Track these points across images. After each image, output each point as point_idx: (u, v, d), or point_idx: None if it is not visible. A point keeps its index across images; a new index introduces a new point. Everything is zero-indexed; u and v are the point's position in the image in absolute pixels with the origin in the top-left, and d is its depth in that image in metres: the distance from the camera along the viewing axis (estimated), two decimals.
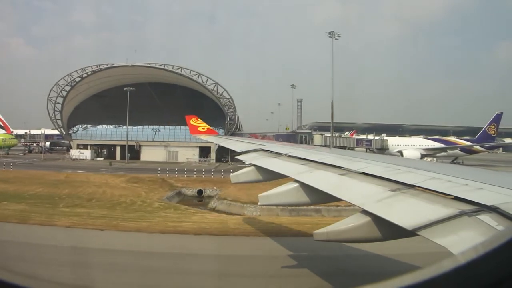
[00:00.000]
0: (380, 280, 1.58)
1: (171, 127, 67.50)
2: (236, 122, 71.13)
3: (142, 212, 24.50)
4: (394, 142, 72.90)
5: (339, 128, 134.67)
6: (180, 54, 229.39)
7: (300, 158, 8.13)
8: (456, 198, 3.75)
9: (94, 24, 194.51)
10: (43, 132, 75.60)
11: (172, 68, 61.73)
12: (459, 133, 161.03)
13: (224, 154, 61.65)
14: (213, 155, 63.99)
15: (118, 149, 66.33)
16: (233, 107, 65.95)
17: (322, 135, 63.98)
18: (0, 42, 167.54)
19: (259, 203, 7.80)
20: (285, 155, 9.11)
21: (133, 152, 64.92)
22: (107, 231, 17.74)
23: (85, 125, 70.02)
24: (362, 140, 75.47)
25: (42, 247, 14.61)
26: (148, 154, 64.12)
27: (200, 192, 36.18)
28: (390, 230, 4.09)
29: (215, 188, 35.62)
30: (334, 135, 64.21)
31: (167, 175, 42.36)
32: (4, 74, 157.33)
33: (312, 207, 24.94)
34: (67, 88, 62.78)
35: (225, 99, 63.96)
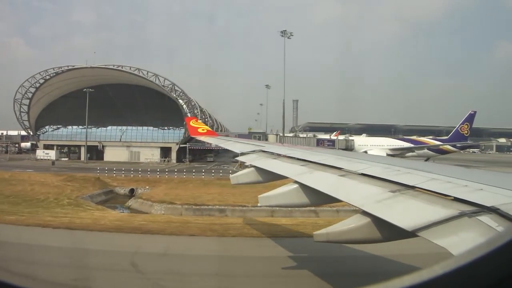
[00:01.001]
0: (380, 281, 1.58)
1: (133, 127, 68.86)
2: (207, 121, 72.29)
3: (43, 207, 25.28)
4: (361, 142, 71.74)
5: (332, 129, 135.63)
6: (179, 54, 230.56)
7: (300, 159, 8.13)
8: (456, 199, 3.74)
9: (94, 24, 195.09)
10: (6, 133, 78.13)
11: (130, 69, 63.00)
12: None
13: (185, 155, 63.37)
14: (173, 155, 64.93)
15: (82, 150, 67.47)
16: (197, 108, 67.59)
17: (277, 135, 63.50)
18: (0, 42, 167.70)
19: (259, 204, 7.80)
20: (285, 156, 9.12)
21: (97, 152, 66.13)
22: None
23: (54, 126, 71.22)
24: (323, 140, 73.99)
25: None
26: (111, 155, 65.05)
27: (132, 191, 37.75)
28: (390, 231, 4.09)
29: (147, 187, 37.02)
30: (300, 135, 64.29)
31: (106, 174, 43.34)
32: (4, 74, 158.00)
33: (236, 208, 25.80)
34: (32, 89, 64.17)
35: (184, 99, 65.16)
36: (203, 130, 21.84)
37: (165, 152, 66.38)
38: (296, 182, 6.72)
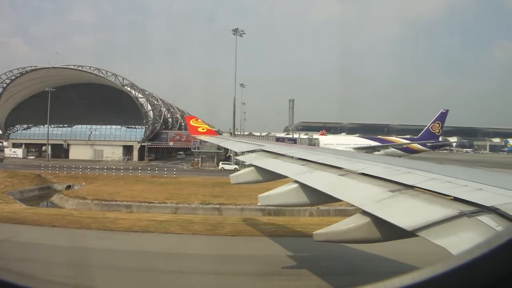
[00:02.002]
0: (379, 280, 1.59)
1: (98, 126, 70.07)
2: (169, 120, 75.15)
3: None
4: (326, 141, 70.80)
5: (327, 128, 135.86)
6: (179, 54, 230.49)
7: (300, 159, 8.13)
8: (456, 199, 3.75)
9: (94, 24, 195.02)
10: None
11: (90, 69, 64.37)
12: (446, 133, 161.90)
13: (150, 152, 65.20)
14: (135, 153, 66.17)
15: (49, 148, 68.76)
16: (160, 106, 69.35)
17: (231, 133, 63.14)
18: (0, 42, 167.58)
19: (258, 204, 7.79)
20: (285, 155, 9.11)
21: (65, 151, 67.75)
22: None
23: (25, 125, 72.43)
24: (283, 138, 72.65)
25: None
26: (76, 153, 66.50)
27: (68, 187, 39.49)
28: (389, 230, 4.09)
29: (83, 183, 38.75)
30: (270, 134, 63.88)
31: (56, 171, 45.00)
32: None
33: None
34: None
35: (143, 99, 66.63)
36: (203, 129, 21.87)
37: (129, 150, 67.74)
38: (296, 181, 6.72)
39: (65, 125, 71.35)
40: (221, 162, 55.14)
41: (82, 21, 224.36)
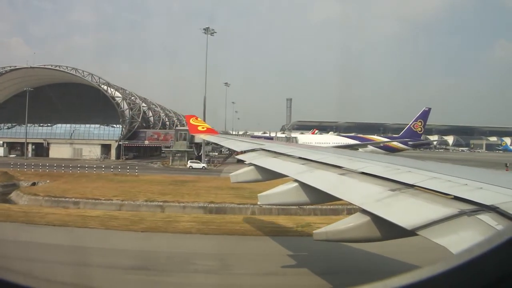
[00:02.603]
0: (379, 279, 1.58)
1: (77, 125, 71.13)
2: (151, 119, 76.05)
3: None
4: (305, 140, 70.48)
5: (321, 127, 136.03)
6: (179, 53, 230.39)
7: (300, 158, 8.12)
8: (456, 198, 3.74)
9: (94, 24, 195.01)
10: None
11: (67, 68, 65.13)
12: (442, 131, 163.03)
13: (126, 151, 66.24)
14: (113, 152, 67.03)
15: (30, 147, 69.73)
16: (138, 107, 70.00)
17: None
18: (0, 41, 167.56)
19: (258, 203, 7.78)
20: (285, 154, 9.10)
21: (45, 149, 68.68)
22: None
23: (9, 124, 73.24)
24: (259, 137, 71.84)
25: None
26: (56, 152, 67.41)
27: (34, 184, 40.06)
28: (389, 229, 4.09)
29: (47, 181, 39.40)
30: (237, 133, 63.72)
31: (18, 168, 45.73)
32: None
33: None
34: None
35: (120, 98, 67.33)
36: (203, 128, 21.86)
37: (107, 149, 68.67)
38: (296, 180, 6.71)
39: (47, 124, 72.40)
40: (189, 161, 55.17)
41: (82, 21, 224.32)
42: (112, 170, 45.55)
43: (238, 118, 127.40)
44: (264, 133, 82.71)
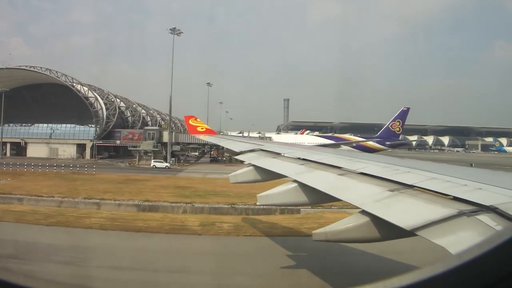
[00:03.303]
0: (379, 280, 1.58)
1: (54, 125, 72.02)
2: (129, 119, 77.27)
3: None
4: (278, 139, 70.08)
5: (316, 127, 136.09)
6: (179, 53, 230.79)
7: (299, 158, 8.12)
8: (455, 198, 3.74)
9: (93, 23, 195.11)
10: None
11: (41, 69, 66.02)
12: (438, 132, 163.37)
13: (103, 151, 67.99)
14: (88, 151, 68.16)
15: (8, 146, 70.64)
16: (114, 106, 71.09)
17: (172, 132, 64.58)
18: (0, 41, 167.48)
19: (257, 203, 7.77)
20: (284, 155, 9.10)
21: (23, 149, 69.80)
22: None
23: None
24: (234, 137, 72.96)
25: None
26: (33, 151, 68.43)
27: None
28: (389, 230, 4.08)
29: (8, 179, 39.62)
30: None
31: None
32: None
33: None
34: None
35: (93, 98, 68.24)
36: (202, 129, 21.98)
37: (82, 148, 69.81)
38: (295, 181, 6.71)
39: (26, 124, 73.36)
40: (153, 160, 55.60)
41: (82, 21, 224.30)
42: (78, 169, 46.02)
43: (230, 118, 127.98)
44: (240, 132, 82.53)
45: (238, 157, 12.09)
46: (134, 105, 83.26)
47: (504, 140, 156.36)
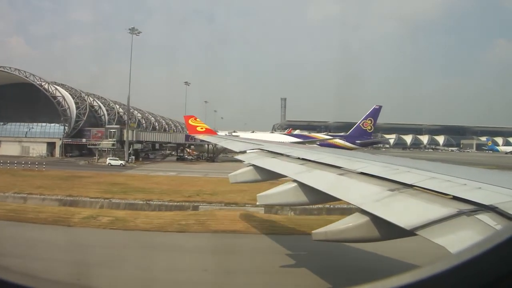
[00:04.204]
0: (379, 279, 1.58)
1: (25, 124, 73.30)
2: (103, 118, 78.25)
3: None
4: (247, 137, 69.79)
5: (310, 127, 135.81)
6: (178, 53, 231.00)
7: (299, 158, 8.12)
8: (455, 198, 3.74)
9: (93, 23, 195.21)
10: None
11: (10, 69, 67.42)
12: (434, 131, 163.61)
13: (72, 149, 69.26)
14: (57, 150, 69.61)
15: None
16: (85, 105, 72.29)
17: (133, 130, 65.54)
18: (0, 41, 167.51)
19: (257, 203, 7.78)
20: (284, 154, 9.10)
21: None
22: None
23: None
24: (187, 136, 72.39)
25: None
26: (7, 149, 69.49)
27: None
28: (388, 229, 4.09)
29: None
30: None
31: None
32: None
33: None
34: None
35: (61, 97, 69.26)
36: (201, 129, 22.03)
37: (52, 146, 70.90)
38: (295, 180, 6.71)
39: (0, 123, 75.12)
40: (108, 158, 56.60)
41: (81, 21, 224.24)
42: (37, 166, 46.09)
43: (221, 118, 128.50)
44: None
45: (237, 156, 12.10)
46: (111, 104, 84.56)
47: (500, 139, 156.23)
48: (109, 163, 54.60)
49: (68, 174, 39.73)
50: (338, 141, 75.20)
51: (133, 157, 61.08)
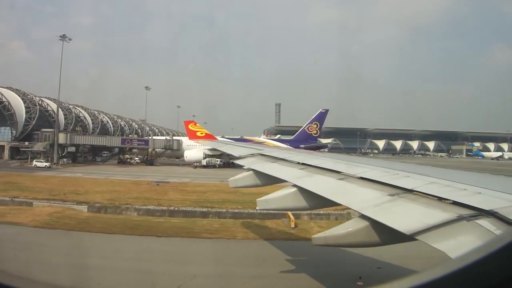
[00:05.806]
0: (378, 284, 1.58)
1: None
2: (54, 121, 77.72)
3: None
4: (190, 142, 68.06)
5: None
6: (179, 55, 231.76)
7: (299, 163, 8.12)
8: (455, 203, 3.73)
9: (94, 27, 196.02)
10: None
11: None
12: (424, 137, 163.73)
13: (23, 153, 68.38)
14: (6, 153, 70.58)
15: None
16: (36, 109, 73.28)
17: (67, 134, 66.58)
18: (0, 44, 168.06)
19: (257, 208, 7.76)
20: (284, 159, 9.09)
21: None
22: None
23: None
24: (132, 139, 72.18)
25: None
26: None
27: None
28: (388, 234, 4.08)
29: None
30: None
31: None
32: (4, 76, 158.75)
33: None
34: None
35: (5, 102, 70.03)
36: (201, 133, 21.97)
37: (1, 149, 71.59)
38: (295, 185, 6.70)
39: None
40: (35, 160, 58.28)
41: (82, 24, 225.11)
42: None
43: (205, 123, 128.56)
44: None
45: (237, 161, 12.08)
46: (72, 108, 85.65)
47: (491, 145, 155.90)
48: (35, 164, 56.71)
49: None
50: (279, 144, 74.45)
51: (65, 159, 62.70)
